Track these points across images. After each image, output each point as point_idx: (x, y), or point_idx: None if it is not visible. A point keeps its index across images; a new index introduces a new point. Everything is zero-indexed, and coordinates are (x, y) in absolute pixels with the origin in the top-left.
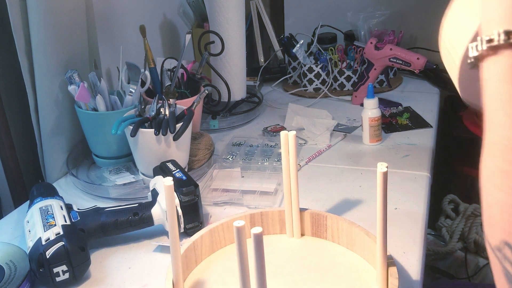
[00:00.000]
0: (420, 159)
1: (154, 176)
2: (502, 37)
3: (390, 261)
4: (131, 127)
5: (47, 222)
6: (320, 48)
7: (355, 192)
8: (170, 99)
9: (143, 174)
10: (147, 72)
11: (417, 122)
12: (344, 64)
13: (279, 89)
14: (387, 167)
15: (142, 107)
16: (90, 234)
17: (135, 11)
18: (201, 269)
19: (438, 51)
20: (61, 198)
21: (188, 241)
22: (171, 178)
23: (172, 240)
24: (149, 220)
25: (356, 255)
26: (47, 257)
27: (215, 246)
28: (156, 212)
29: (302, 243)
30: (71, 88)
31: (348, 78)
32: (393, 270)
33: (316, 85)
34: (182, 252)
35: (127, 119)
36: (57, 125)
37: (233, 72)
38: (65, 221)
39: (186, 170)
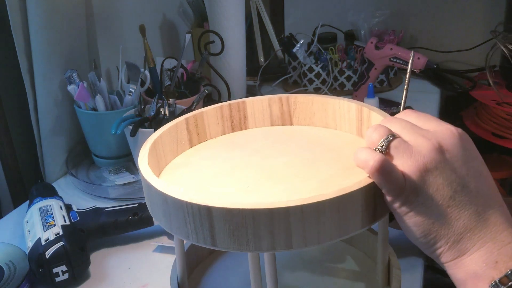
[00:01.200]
0: None
1: None
2: None
3: (391, 253)
4: (131, 127)
5: (47, 222)
6: (320, 48)
7: None
8: (170, 99)
9: None
10: (146, 72)
11: None
12: (345, 64)
13: (279, 89)
14: None
15: (142, 107)
16: (90, 234)
17: (135, 11)
18: (204, 268)
19: (438, 51)
20: (61, 198)
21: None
22: None
23: (176, 239)
24: (148, 220)
25: (356, 250)
26: (47, 257)
27: None
28: None
29: None
30: (70, 88)
31: (348, 78)
32: (395, 261)
33: (316, 84)
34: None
35: (127, 119)
36: (57, 125)
37: (233, 72)
38: (65, 221)
39: None
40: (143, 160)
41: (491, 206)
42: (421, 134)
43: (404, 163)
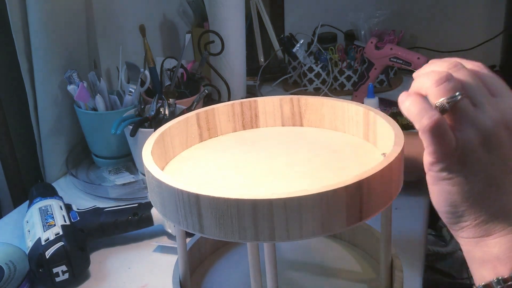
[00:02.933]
0: None
1: None
2: None
3: (394, 255)
4: (131, 127)
5: (47, 222)
6: (320, 48)
7: None
8: (170, 99)
9: (143, 174)
10: (146, 72)
11: None
12: (345, 64)
13: (279, 89)
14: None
15: (142, 106)
16: (90, 234)
17: (135, 11)
18: (206, 267)
19: (438, 51)
20: (61, 198)
21: (192, 239)
22: None
23: (179, 238)
24: (148, 220)
25: (359, 251)
26: (47, 257)
27: (219, 242)
28: (155, 212)
29: (304, 241)
30: (70, 88)
31: (348, 78)
32: (397, 263)
33: (316, 84)
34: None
35: (127, 118)
36: (57, 125)
37: (233, 72)
38: (65, 221)
39: None
40: (147, 148)
41: None
42: (492, 103)
43: (463, 130)
